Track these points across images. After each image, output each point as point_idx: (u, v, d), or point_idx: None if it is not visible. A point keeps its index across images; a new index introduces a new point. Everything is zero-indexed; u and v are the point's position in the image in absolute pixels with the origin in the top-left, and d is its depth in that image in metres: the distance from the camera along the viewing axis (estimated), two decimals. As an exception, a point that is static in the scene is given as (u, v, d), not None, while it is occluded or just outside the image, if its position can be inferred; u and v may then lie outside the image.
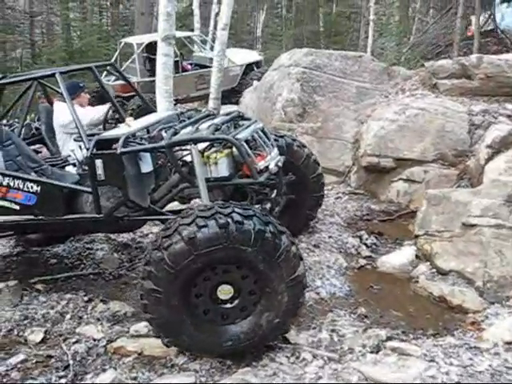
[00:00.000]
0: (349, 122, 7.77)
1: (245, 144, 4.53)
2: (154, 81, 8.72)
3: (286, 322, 4.12)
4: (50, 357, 4.46)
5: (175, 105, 9.12)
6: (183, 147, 4.73)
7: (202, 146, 4.64)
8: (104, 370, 4.19)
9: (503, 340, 4.28)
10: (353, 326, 4.63)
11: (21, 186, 4.98)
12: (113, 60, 13.67)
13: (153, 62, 11.37)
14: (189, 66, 14.18)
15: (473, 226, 5.13)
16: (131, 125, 5.09)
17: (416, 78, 7.93)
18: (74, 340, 4.61)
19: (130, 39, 14.70)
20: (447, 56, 10.48)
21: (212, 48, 13.52)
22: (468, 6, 11.85)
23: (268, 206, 5.21)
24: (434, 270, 5.20)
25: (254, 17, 28.14)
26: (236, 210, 3.88)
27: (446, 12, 13.00)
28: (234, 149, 4.54)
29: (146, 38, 13.79)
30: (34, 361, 4.40)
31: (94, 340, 4.61)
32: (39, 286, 5.50)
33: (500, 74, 7.18)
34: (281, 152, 5.06)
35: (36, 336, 4.68)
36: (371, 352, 4.17)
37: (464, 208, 5.32)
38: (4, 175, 5.04)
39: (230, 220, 3.80)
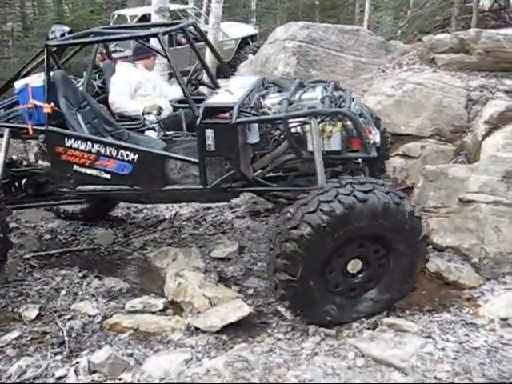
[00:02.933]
0: (345, 96, 7.67)
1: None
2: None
3: (414, 281, 4.28)
4: (46, 333, 4.46)
5: (169, 79, 9.00)
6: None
7: (271, 101, 4.71)
8: (100, 347, 4.19)
9: (499, 316, 4.27)
10: (349, 302, 4.63)
11: (113, 154, 4.67)
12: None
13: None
14: (183, 40, 13.99)
15: (470, 202, 5.09)
16: (233, 91, 4.80)
17: (413, 53, 7.82)
18: (69, 316, 4.61)
19: (124, 11, 14.49)
20: (445, 30, 10.36)
21: (206, 21, 13.34)
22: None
23: None
24: (431, 246, 5.18)
25: (248, -10, 27.79)
26: (356, 187, 3.92)
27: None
28: (347, 122, 4.46)
29: (140, 11, 13.58)
30: (29, 337, 4.40)
31: (90, 316, 4.60)
32: (33, 262, 5.48)
33: (499, 49, 7.08)
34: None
35: (31, 312, 4.67)
36: (368, 328, 4.17)
37: (461, 184, 5.28)
38: (93, 141, 4.71)
39: (353, 199, 3.85)
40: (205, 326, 4.27)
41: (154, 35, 4.78)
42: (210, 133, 4.43)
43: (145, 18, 12.55)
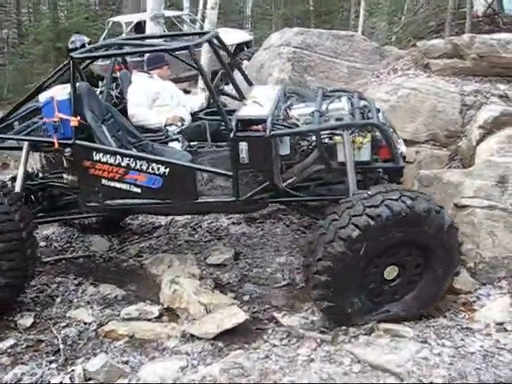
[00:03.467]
0: (340, 102, 7.68)
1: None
2: (143, 61, 8.58)
3: (445, 289, 4.37)
4: (41, 341, 4.45)
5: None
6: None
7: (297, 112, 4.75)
8: (95, 354, 4.18)
9: (495, 321, 4.28)
10: (345, 307, 4.63)
11: (144, 168, 4.60)
12: (101, 39, 13.49)
13: (142, 41, 11.22)
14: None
15: (465, 206, 5.10)
16: (262, 103, 4.79)
17: (408, 58, 7.84)
18: (64, 324, 4.61)
19: (119, 18, 14.51)
20: (439, 36, 10.39)
21: (201, 28, 13.35)
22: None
23: None
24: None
25: (243, -4, 27.87)
26: (403, 193, 4.05)
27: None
28: (376, 133, 4.54)
29: (135, 17, 13.60)
30: (24, 345, 4.39)
31: (85, 324, 4.60)
32: (28, 270, 5.44)
33: (492, 54, 7.10)
34: None
35: (26, 320, 4.66)
36: (364, 334, 4.16)
37: (456, 189, 5.29)
38: (122, 155, 4.64)
39: (401, 204, 3.96)
40: (200, 333, 4.27)
41: (186, 48, 4.65)
42: (243, 146, 4.44)
43: (140, 24, 12.56)
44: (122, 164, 4.61)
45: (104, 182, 4.67)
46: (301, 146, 4.69)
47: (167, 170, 4.57)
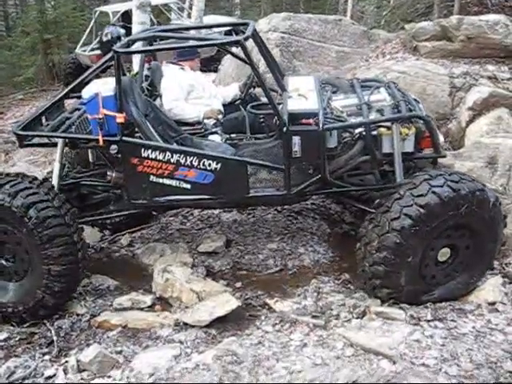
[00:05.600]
0: (329, 87, 7.66)
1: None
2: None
3: (493, 260, 4.57)
4: (34, 334, 4.45)
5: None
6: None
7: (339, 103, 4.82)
8: (88, 345, 4.18)
9: (486, 301, 4.31)
10: (337, 292, 4.65)
11: (194, 163, 4.52)
12: (88, 30, 13.40)
13: (129, 30, 11.13)
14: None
15: (455, 188, 5.11)
16: (308, 97, 4.77)
17: (396, 41, 7.84)
18: (56, 316, 4.58)
19: (106, 8, 14.38)
20: (428, 18, 10.35)
21: (189, 16, 13.25)
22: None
23: None
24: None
25: (231, -17, 27.67)
26: (447, 177, 4.15)
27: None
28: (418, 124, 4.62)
29: (122, 7, 13.47)
30: (17, 338, 4.40)
31: (78, 315, 4.60)
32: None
33: (481, 35, 7.11)
34: None
35: (18, 313, 4.62)
36: (356, 317, 4.19)
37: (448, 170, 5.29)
38: (172, 151, 4.55)
39: (447, 189, 4.08)
40: (193, 321, 4.27)
41: (237, 42, 4.50)
42: (296, 140, 4.44)
43: (127, 13, 12.44)
44: (172, 160, 4.52)
45: (152, 178, 4.59)
46: (344, 138, 4.69)
47: (219, 165, 4.51)
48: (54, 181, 4.76)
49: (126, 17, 12.54)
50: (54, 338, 4.31)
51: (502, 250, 4.78)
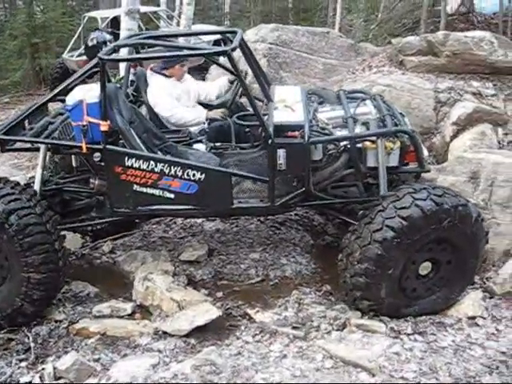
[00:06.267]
0: (316, 98, 7.70)
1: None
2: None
3: (473, 275, 4.60)
4: (11, 339, 4.38)
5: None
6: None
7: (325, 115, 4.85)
8: (66, 352, 4.13)
9: (466, 315, 4.34)
10: (318, 303, 4.64)
11: (178, 173, 4.45)
12: (76, 35, 13.35)
13: (118, 36, 11.11)
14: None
15: (438, 202, 5.14)
16: (294, 108, 4.77)
17: (383, 55, 7.91)
18: (35, 322, 4.52)
19: (95, 13, 14.34)
20: (414, 33, 10.46)
21: (178, 24, 13.26)
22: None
23: None
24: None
25: (222, -7, 27.77)
26: (430, 191, 4.17)
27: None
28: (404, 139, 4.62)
29: (111, 13, 13.45)
30: (-6, 344, 4.32)
31: (56, 322, 4.55)
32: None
33: (466, 51, 7.18)
34: None
35: (-5, 318, 4.56)
36: (337, 329, 4.18)
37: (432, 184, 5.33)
38: (156, 160, 4.48)
39: (430, 202, 4.09)
40: (173, 330, 4.24)
41: (224, 53, 4.42)
42: (281, 152, 4.41)
43: (116, 19, 12.41)
44: (156, 170, 4.46)
45: (136, 187, 4.53)
46: (329, 150, 4.69)
47: (203, 175, 4.47)
48: (36, 186, 4.69)
49: (115, 23, 12.51)
50: (32, 345, 4.25)
51: (482, 265, 4.82)
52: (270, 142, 4.40)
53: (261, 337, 4.16)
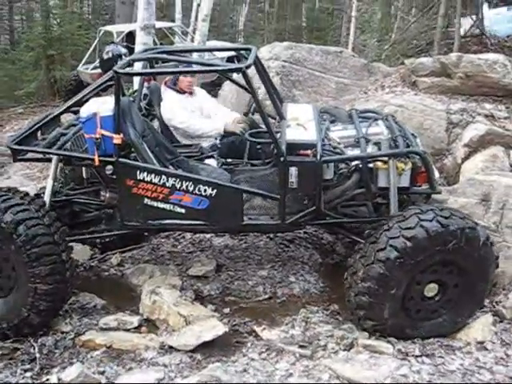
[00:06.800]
0: (328, 117, 7.71)
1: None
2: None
3: (483, 300, 4.51)
4: (17, 349, 4.37)
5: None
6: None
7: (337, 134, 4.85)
8: (71, 364, 4.10)
9: (476, 339, 4.28)
10: (326, 322, 4.60)
11: (190, 188, 4.46)
12: (91, 48, 13.49)
13: (132, 51, 11.21)
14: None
15: (448, 224, 5.12)
16: (307, 127, 4.79)
17: (396, 75, 7.92)
18: (41, 332, 4.51)
19: (110, 27, 14.48)
20: (428, 54, 10.48)
21: (193, 40, 13.37)
22: (450, 5, 11.85)
23: None
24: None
25: (236, 10, 28.02)
26: (437, 212, 4.13)
27: (427, 10, 13.01)
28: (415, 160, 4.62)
29: (127, 27, 13.59)
30: (-1, 353, 4.31)
31: (62, 333, 4.53)
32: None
33: (479, 73, 7.18)
34: None
35: (2, 328, 4.56)
36: (344, 349, 4.14)
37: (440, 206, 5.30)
38: (168, 175, 4.50)
39: (436, 224, 4.06)
40: (179, 345, 4.21)
41: (239, 70, 4.46)
42: (293, 170, 4.41)
43: (131, 34, 12.52)
44: (167, 184, 4.47)
45: (147, 201, 4.54)
46: (340, 169, 4.71)
47: (214, 191, 4.47)
48: (47, 197, 4.71)
49: (130, 37, 12.63)
50: (37, 355, 4.23)
51: (492, 289, 4.77)
52: (282, 159, 4.40)
53: (267, 354, 4.13)
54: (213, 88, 12.68)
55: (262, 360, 4.05)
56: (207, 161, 5.19)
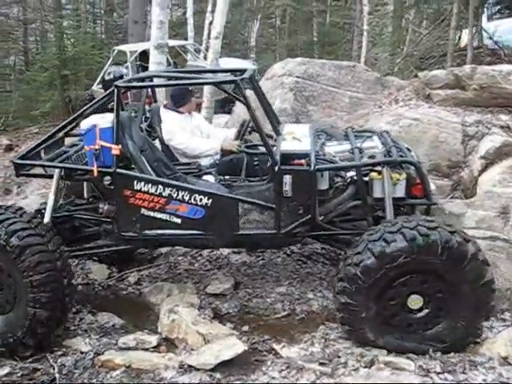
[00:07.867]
0: (342, 132, 7.72)
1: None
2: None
3: (476, 327, 4.28)
4: (36, 370, 4.39)
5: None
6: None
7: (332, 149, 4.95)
8: (91, 384, 4.10)
9: (499, 354, 4.22)
10: (345, 339, 4.55)
11: (186, 198, 4.58)
12: (105, 68, 13.60)
13: (146, 70, 11.32)
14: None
15: (467, 237, 5.07)
16: (302, 140, 4.90)
17: (410, 88, 7.89)
18: (60, 353, 4.53)
19: (124, 47, 14.64)
20: (441, 66, 10.44)
21: (205, 57, 13.47)
22: (462, 17, 11.83)
23: None
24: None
25: (248, 27, 28.16)
26: (420, 222, 4.11)
27: (439, 23, 12.99)
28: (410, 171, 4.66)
29: (140, 46, 13.73)
30: (19, 374, 4.33)
31: (82, 353, 4.54)
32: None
33: (494, 84, 7.14)
34: None
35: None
36: (364, 366, 4.09)
37: (458, 220, 5.26)
38: (165, 184, 4.63)
39: (416, 233, 4.03)
40: (198, 364, 4.19)
41: (233, 82, 4.69)
42: (288, 179, 4.50)
43: (145, 53, 12.66)
44: (164, 194, 4.58)
45: (144, 211, 4.64)
46: (335, 182, 4.76)
47: (210, 200, 4.56)
48: (47, 212, 4.81)
49: (144, 56, 12.76)
50: (57, 376, 4.25)
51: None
52: (276, 168, 4.48)
53: (287, 372, 4.10)
54: (226, 104, 12.78)
55: (282, 378, 4.03)
56: (205, 177, 5.27)
